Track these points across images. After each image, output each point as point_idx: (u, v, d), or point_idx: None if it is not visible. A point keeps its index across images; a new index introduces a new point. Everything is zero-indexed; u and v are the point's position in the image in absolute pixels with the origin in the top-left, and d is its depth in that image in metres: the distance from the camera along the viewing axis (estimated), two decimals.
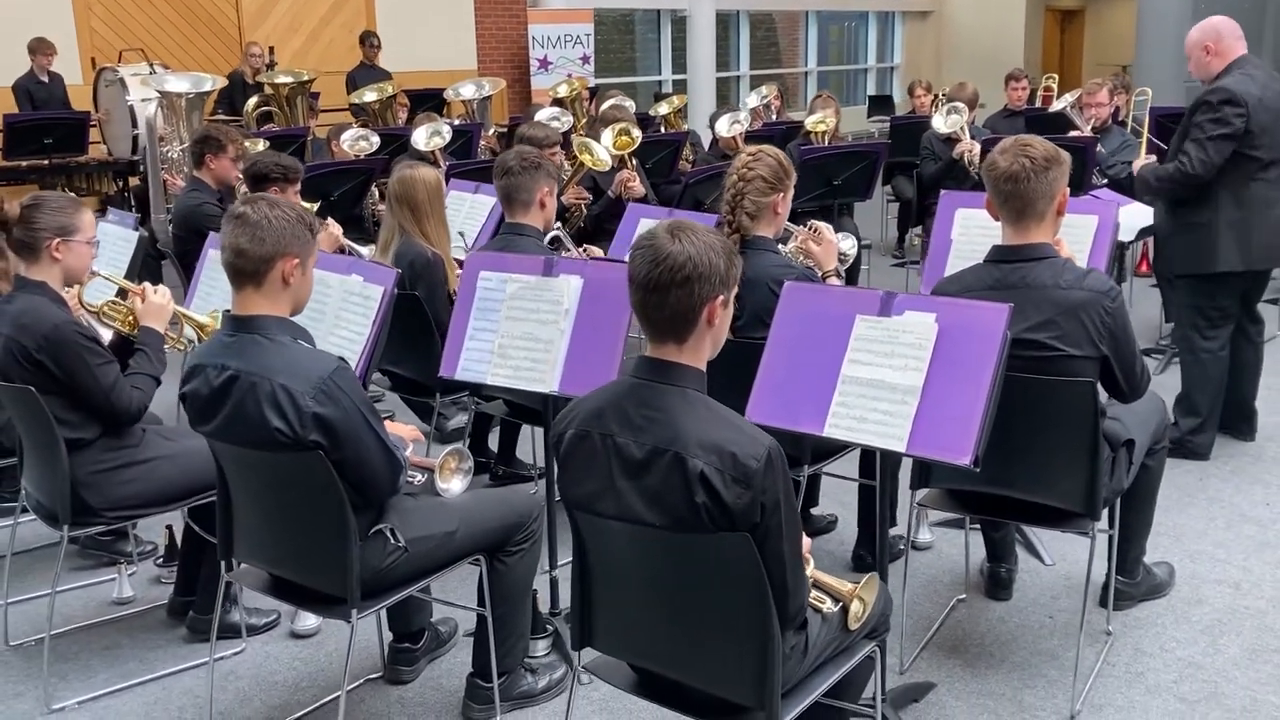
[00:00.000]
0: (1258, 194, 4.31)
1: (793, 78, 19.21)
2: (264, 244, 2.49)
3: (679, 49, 16.08)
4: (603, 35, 15.20)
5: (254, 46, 10.40)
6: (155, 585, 3.88)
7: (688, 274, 2.01)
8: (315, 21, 11.86)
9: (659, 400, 2.05)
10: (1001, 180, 2.88)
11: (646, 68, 16.68)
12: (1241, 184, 4.31)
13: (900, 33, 20.12)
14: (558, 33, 13.95)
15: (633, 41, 16.89)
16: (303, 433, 2.45)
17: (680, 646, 2.17)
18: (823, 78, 19.24)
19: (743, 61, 17.75)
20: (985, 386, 2.60)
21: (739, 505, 1.97)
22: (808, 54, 19.07)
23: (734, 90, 17.60)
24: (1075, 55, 21.45)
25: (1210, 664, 3.23)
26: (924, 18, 20.09)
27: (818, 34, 19.11)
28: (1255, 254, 4.36)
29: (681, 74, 15.73)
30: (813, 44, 19.02)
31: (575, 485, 2.15)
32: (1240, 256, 4.34)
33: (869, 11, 19.62)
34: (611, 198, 6.17)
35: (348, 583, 2.57)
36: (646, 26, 16.76)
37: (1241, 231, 4.32)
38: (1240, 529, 4.07)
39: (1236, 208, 4.31)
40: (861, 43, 20.06)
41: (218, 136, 5.12)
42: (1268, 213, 4.32)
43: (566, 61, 14.01)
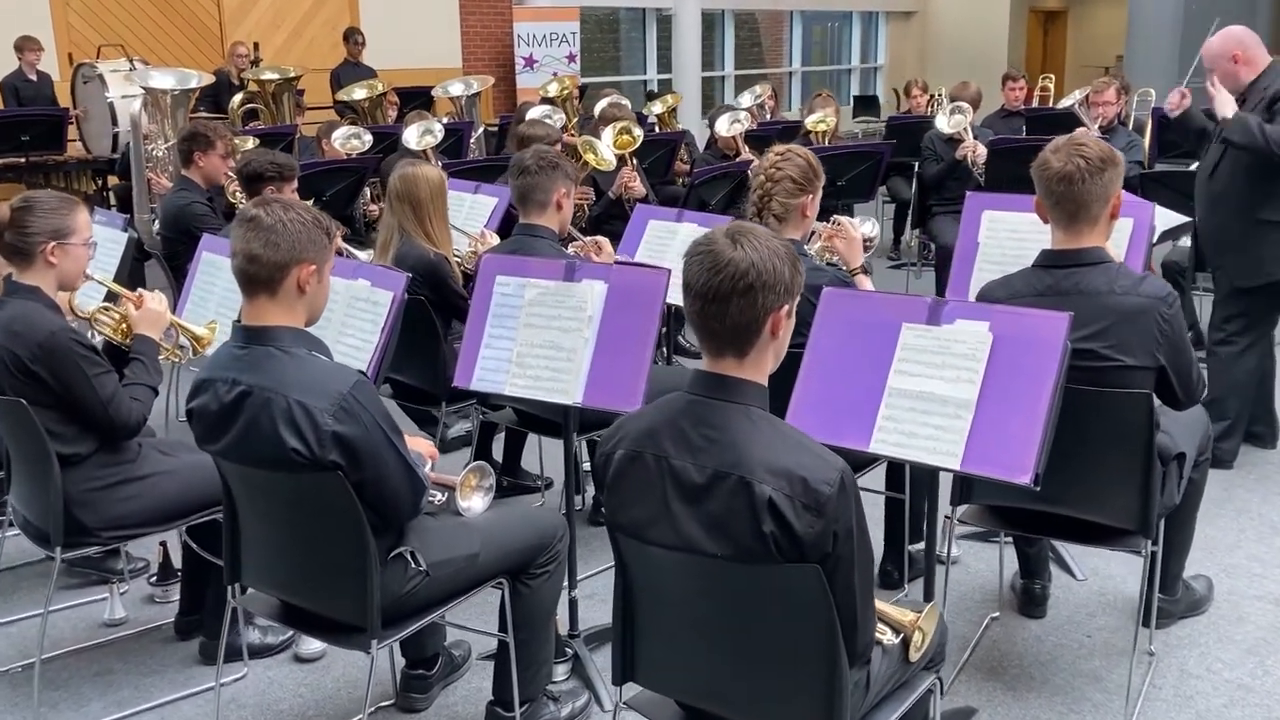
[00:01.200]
0: None
1: (777, 78, 19.08)
2: (278, 249, 2.32)
3: (664, 48, 15.93)
4: (587, 34, 15.02)
5: (240, 46, 10.15)
6: (149, 605, 3.69)
7: (750, 282, 1.85)
8: (298, 18, 11.63)
9: (719, 419, 1.89)
10: (1054, 181, 2.74)
11: (631, 67, 16.52)
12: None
13: (884, 33, 20.03)
14: (543, 31, 13.77)
15: (617, 40, 16.73)
16: (321, 453, 2.28)
17: (736, 683, 2.01)
18: (807, 78, 19.13)
19: (728, 61, 17.62)
20: (1045, 400, 2.45)
21: (810, 535, 1.81)
22: (792, 54, 18.95)
23: (719, 90, 17.47)
24: (1058, 56, 21.44)
25: (1260, 687, 3.10)
26: (907, 18, 20.01)
27: (802, 34, 18.99)
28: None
29: (667, 73, 15.59)
30: (797, 44, 18.90)
31: (625, 510, 1.98)
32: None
33: (853, 11, 19.53)
34: (612, 198, 6.02)
35: (367, 611, 2.40)
36: (631, 25, 16.60)
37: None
38: (1273, 542, 3.95)
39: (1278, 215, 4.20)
40: (845, 43, 19.96)
41: (206, 133, 4.93)
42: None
43: (552, 60, 13.84)
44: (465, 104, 8.90)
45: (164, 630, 3.51)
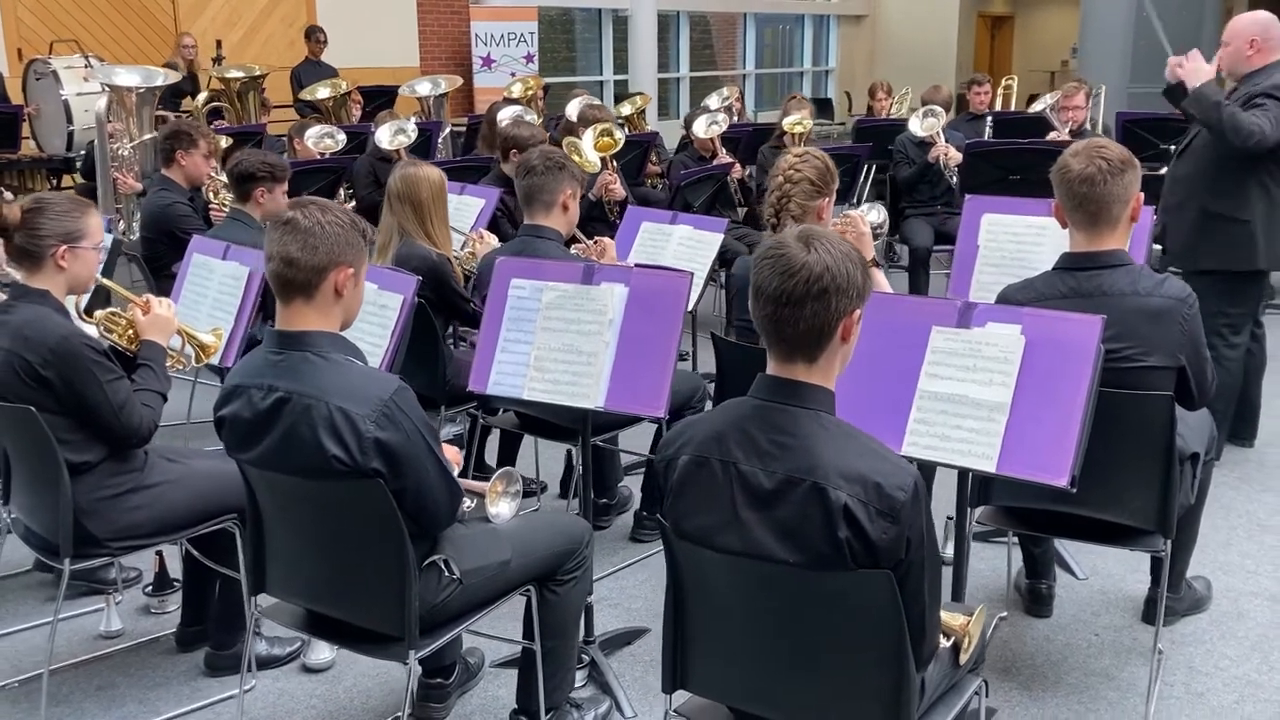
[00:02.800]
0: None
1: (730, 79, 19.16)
2: (317, 253, 2.27)
3: (620, 49, 15.90)
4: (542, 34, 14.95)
5: (186, 37, 9.94)
6: (145, 616, 3.60)
7: (825, 286, 1.84)
8: (254, 15, 11.44)
9: (790, 424, 1.88)
10: (1076, 183, 2.76)
11: (587, 68, 16.47)
12: (1273, 182, 4.27)
13: (835, 36, 20.19)
14: (501, 30, 13.68)
15: (573, 41, 16.67)
16: (363, 460, 2.23)
17: (799, 688, 2.00)
18: (760, 80, 19.22)
19: (683, 63, 17.64)
20: (1081, 403, 2.48)
21: (884, 541, 1.81)
22: (745, 56, 19.02)
23: (674, 92, 17.49)
24: (1005, 60, 21.75)
25: (1268, 683, 3.15)
26: (858, 21, 20.19)
27: (755, 36, 19.08)
28: (1277, 254, 4.33)
29: (623, 74, 15.55)
30: (750, 46, 18.98)
31: (690, 517, 1.96)
32: (1269, 255, 4.30)
33: (804, 14, 19.66)
34: (592, 200, 5.99)
35: (405, 620, 2.35)
36: (587, 26, 16.55)
37: (1271, 229, 4.29)
38: (1262, 539, 4.03)
39: (1269, 205, 4.27)
40: (797, 45, 20.08)
41: (189, 132, 4.83)
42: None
43: (510, 60, 13.76)
44: (433, 104, 8.80)
45: (163, 642, 3.43)
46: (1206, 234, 4.39)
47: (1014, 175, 6.26)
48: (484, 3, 13.87)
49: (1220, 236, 4.37)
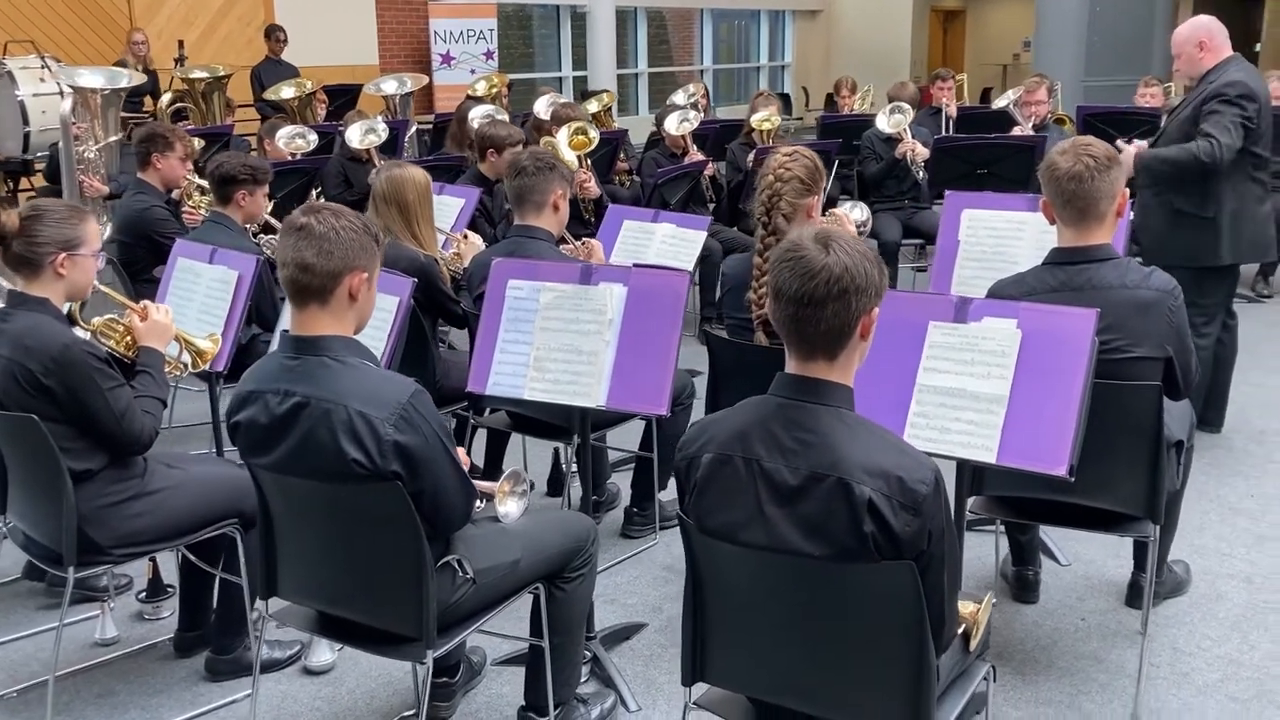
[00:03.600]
0: (1252, 190, 4.41)
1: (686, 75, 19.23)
2: (332, 258, 2.28)
3: (579, 45, 15.91)
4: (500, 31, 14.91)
5: (137, 34, 9.78)
6: (139, 623, 3.58)
7: (845, 286, 1.89)
8: (211, 14, 11.31)
9: (812, 421, 1.93)
10: (1065, 180, 2.84)
11: (546, 64, 16.46)
12: (1241, 179, 4.40)
13: (790, 31, 20.32)
14: (460, 27, 13.64)
15: (531, 38, 16.65)
16: (382, 463, 2.25)
17: (820, 678, 2.05)
18: (717, 75, 19.30)
19: (641, 59, 17.67)
20: (1078, 393, 2.55)
21: (907, 533, 1.86)
22: (703, 52, 19.09)
23: (632, 88, 17.52)
24: (957, 54, 22.01)
25: (1249, 660, 3.26)
26: (813, 17, 20.33)
27: (712, 32, 19.15)
28: (1245, 248, 4.46)
29: (582, 70, 15.58)
30: (708, 42, 19.05)
31: (714, 514, 2.00)
32: (1235, 250, 4.43)
33: (760, 10, 19.77)
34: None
35: (423, 620, 2.38)
36: (545, 23, 16.53)
37: (1237, 226, 4.42)
38: (1234, 523, 4.15)
39: (1236, 201, 4.40)
40: (754, 41, 20.19)
41: (165, 134, 4.80)
42: (1258, 209, 4.44)
43: (469, 57, 13.72)
44: (399, 102, 8.77)
45: (160, 648, 3.42)
46: (1174, 230, 4.51)
47: (981, 170, 6.37)
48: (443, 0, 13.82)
49: (1187, 233, 4.49)
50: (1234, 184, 4.39)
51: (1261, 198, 4.49)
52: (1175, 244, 4.50)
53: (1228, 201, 4.39)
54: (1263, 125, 4.36)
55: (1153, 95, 7.98)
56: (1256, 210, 4.45)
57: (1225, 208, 4.39)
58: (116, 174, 6.71)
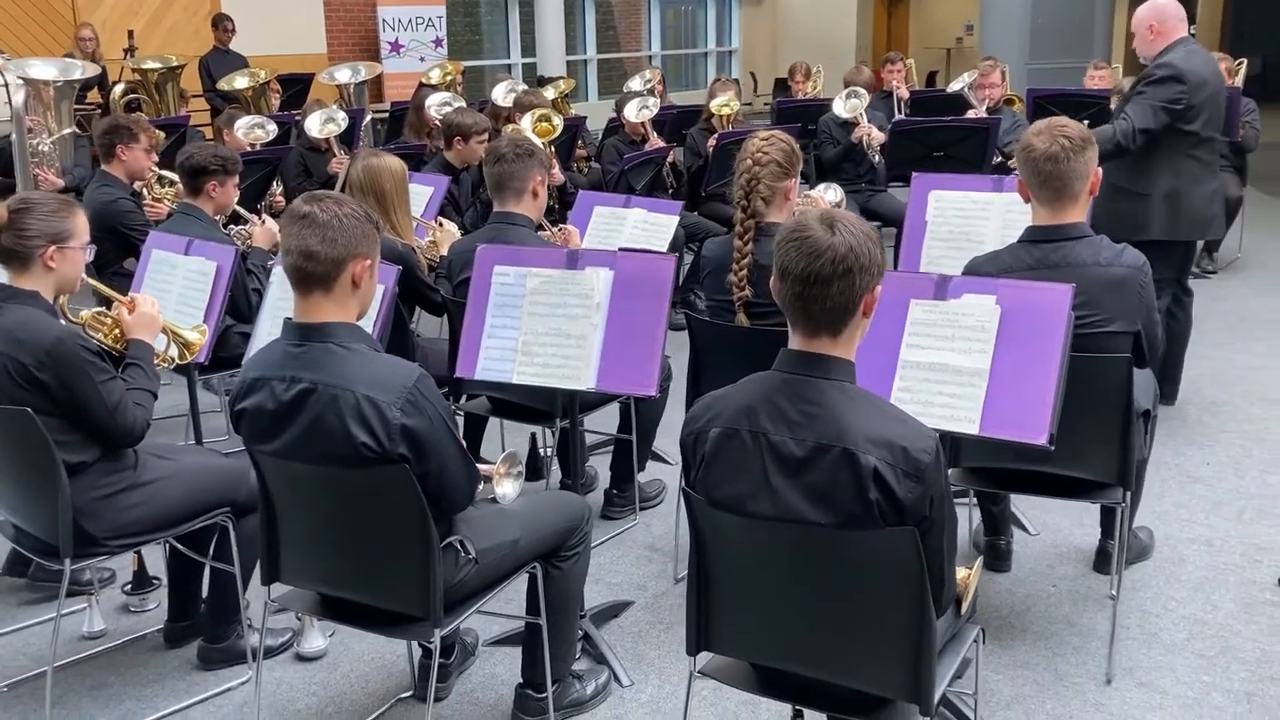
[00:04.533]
0: (1190, 169, 4.53)
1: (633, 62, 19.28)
2: (336, 245, 2.32)
3: (527, 32, 15.87)
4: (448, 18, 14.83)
5: (85, 29, 9.64)
6: (125, 615, 3.58)
7: (849, 265, 1.96)
8: (156, 3, 11.14)
9: (817, 395, 2.00)
10: (1041, 161, 2.93)
11: (494, 51, 16.39)
12: (1177, 158, 4.53)
13: (737, 17, 20.40)
14: (409, 15, 13.56)
15: (478, 25, 16.57)
16: (390, 446, 2.30)
17: (824, 643, 2.13)
18: (665, 61, 19.34)
19: (589, 45, 17.67)
20: (1055, 365, 2.65)
21: (910, 499, 1.94)
22: (651, 38, 19.12)
23: (582, 74, 17.50)
24: (901, 38, 22.23)
25: (1213, 620, 3.39)
26: (759, 2, 20.42)
27: (659, 18, 19.18)
28: (1184, 226, 4.59)
29: (531, 57, 15.54)
30: (655, 28, 19.09)
31: (722, 486, 2.07)
32: (1170, 227, 4.56)
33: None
34: None
35: (430, 600, 2.43)
36: (492, 9, 16.46)
37: (1174, 203, 4.54)
38: (1192, 490, 4.30)
39: (1172, 179, 4.52)
40: (701, 27, 20.25)
41: (130, 126, 4.76)
42: (1197, 188, 4.56)
43: (418, 45, 13.66)
44: (353, 91, 8.72)
45: (150, 640, 3.43)
46: (1111, 204, 4.62)
47: (937, 152, 6.50)
48: None
49: (1122, 207, 4.61)
50: (1170, 162, 4.50)
51: (1202, 176, 4.60)
52: (1110, 218, 4.59)
53: (1163, 179, 4.52)
54: (1200, 106, 4.48)
55: (1101, 78, 8.16)
56: (1195, 189, 4.56)
57: (1160, 185, 4.52)
58: (71, 167, 6.63)
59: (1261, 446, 4.68)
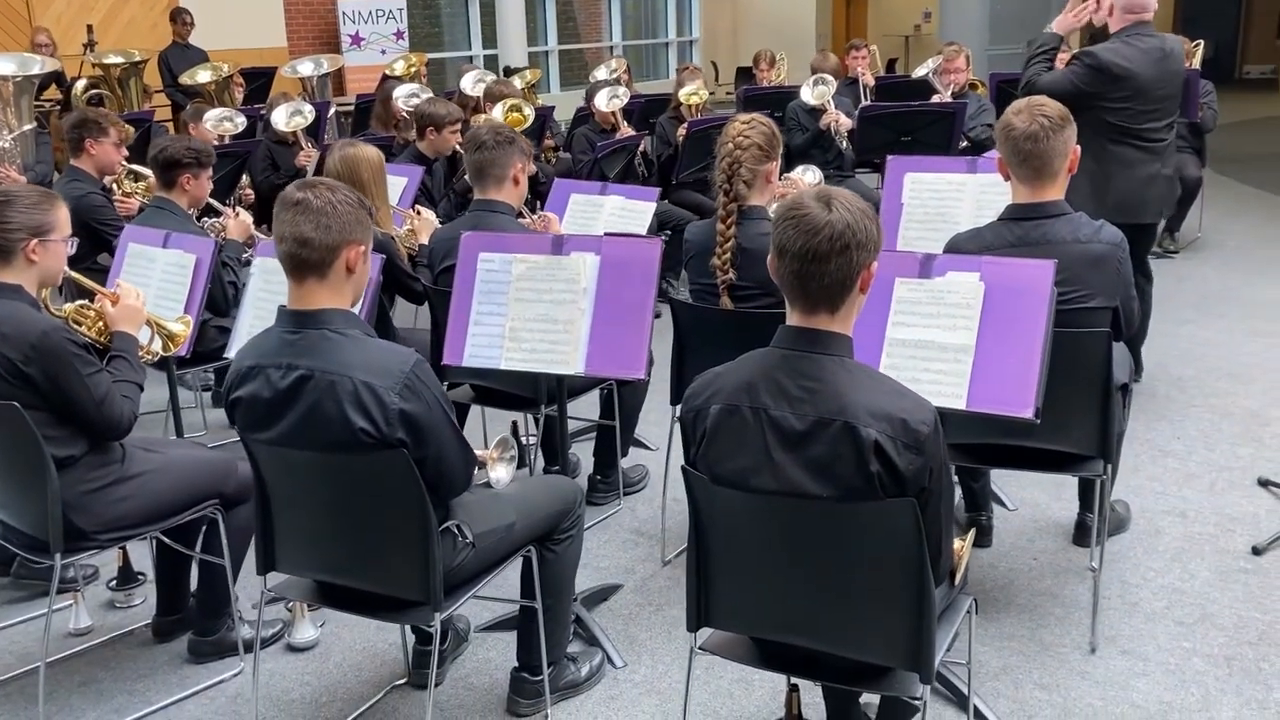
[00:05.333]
0: (1119, 154, 4.57)
1: (593, 53, 19.26)
2: (330, 231, 2.32)
3: (488, 23, 15.81)
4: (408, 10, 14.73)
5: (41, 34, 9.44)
6: (111, 611, 3.56)
7: (847, 241, 1.99)
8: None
9: (816, 370, 2.03)
10: (1021, 140, 2.98)
11: (455, 43, 16.31)
12: (1096, 142, 4.50)
13: (697, 6, 20.41)
14: (369, 8, 13.45)
15: (438, 16, 16.48)
16: (389, 431, 2.30)
17: (826, 614, 2.16)
18: (627, 51, 19.32)
19: (550, 36, 17.63)
20: (1039, 340, 2.70)
21: (911, 471, 1.98)
22: (612, 28, 19.10)
23: (544, 65, 17.45)
24: (860, 26, 22.31)
25: (1190, 589, 3.47)
26: None
27: (620, 8, 19.17)
28: (1111, 206, 4.56)
29: (492, 49, 15.48)
30: (616, 18, 19.07)
31: (724, 461, 2.10)
32: (1097, 206, 4.58)
33: None
34: None
35: (430, 584, 2.44)
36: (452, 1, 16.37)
37: (1099, 182, 4.56)
38: (1164, 463, 4.38)
39: (1093, 161, 4.50)
40: (661, 16, 20.25)
41: (99, 120, 4.71)
42: (1127, 171, 4.58)
43: (379, 37, 13.55)
44: (317, 84, 8.65)
45: (138, 635, 3.41)
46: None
47: (905, 136, 6.56)
48: None
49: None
50: (1089, 148, 4.50)
51: (1133, 161, 4.62)
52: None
53: (1085, 160, 4.54)
54: (1119, 98, 4.52)
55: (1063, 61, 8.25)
56: (1124, 172, 4.59)
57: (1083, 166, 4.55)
58: (33, 163, 6.53)
59: (1229, 420, 4.78)
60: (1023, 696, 2.98)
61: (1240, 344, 5.73)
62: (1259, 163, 10.76)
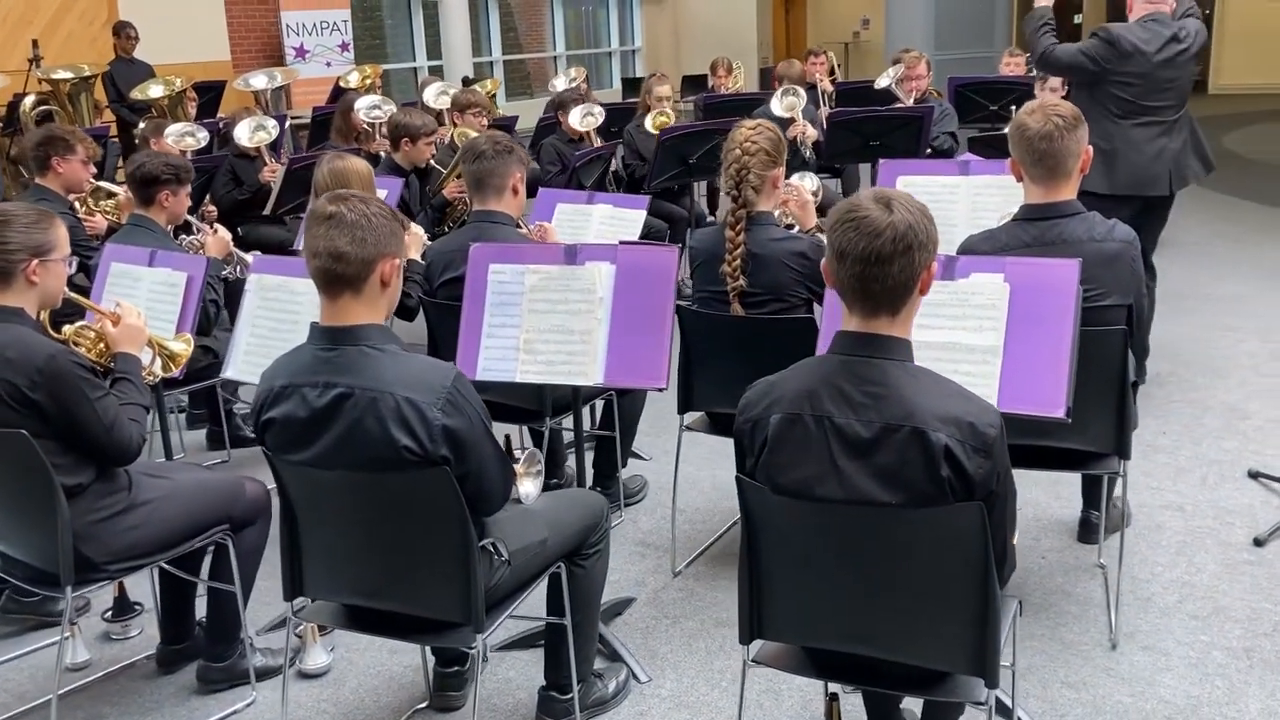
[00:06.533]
0: (1129, 134, 4.70)
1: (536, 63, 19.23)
2: (365, 245, 2.24)
3: (432, 34, 15.69)
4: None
5: None
6: (108, 644, 3.43)
7: (910, 242, 1.97)
8: (51, 12, 10.70)
9: (879, 375, 2.00)
10: (1037, 140, 2.99)
11: (399, 54, 16.16)
12: (1106, 119, 4.67)
13: (639, 16, 20.45)
14: (314, 20, 13.29)
15: (381, 28, 16.32)
16: (433, 448, 2.24)
17: (888, 622, 2.13)
18: (571, 61, 19.28)
19: (495, 46, 17.54)
20: (1067, 339, 2.71)
21: (980, 474, 1.96)
22: (555, 38, 19.06)
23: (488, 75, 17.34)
24: (800, 34, 22.52)
25: (1199, 581, 3.51)
26: (660, 1, 20.51)
27: (563, 17, 19.13)
28: (1120, 181, 4.72)
29: (437, 59, 15.36)
30: (559, 28, 19.04)
31: (787, 471, 2.06)
32: (1107, 181, 4.69)
33: None
34: None
35: (471, 604, 2.37)
36: (395, 12, 16.23)
37: (1108, 159, 4.69)
38: (1155, 459, 4.44)
39: (1102, 139, 4.63)
40: (604, 26, 20.25)
41: (66, 137, 4.57)
42: (1136, 149, 4.72)
43: (324, 50, 13.39)
44: (270, 97, 8.51)
45: (139, 667, 3.29)
46: None
47: (874, 141, 6.60)
48: None
49: None
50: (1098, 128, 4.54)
51: (1137, 140, 4.74)
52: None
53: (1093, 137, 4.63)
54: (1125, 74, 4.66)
55: (1016, 65, 8.39)
56: (1135, 150, 4.72)
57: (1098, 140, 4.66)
58: None
59: (1211, 414, 4.85)
60: (1051, 695, 2.98)
61: (1213, 340, 5.83)
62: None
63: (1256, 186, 10.26)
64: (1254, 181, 10.55)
